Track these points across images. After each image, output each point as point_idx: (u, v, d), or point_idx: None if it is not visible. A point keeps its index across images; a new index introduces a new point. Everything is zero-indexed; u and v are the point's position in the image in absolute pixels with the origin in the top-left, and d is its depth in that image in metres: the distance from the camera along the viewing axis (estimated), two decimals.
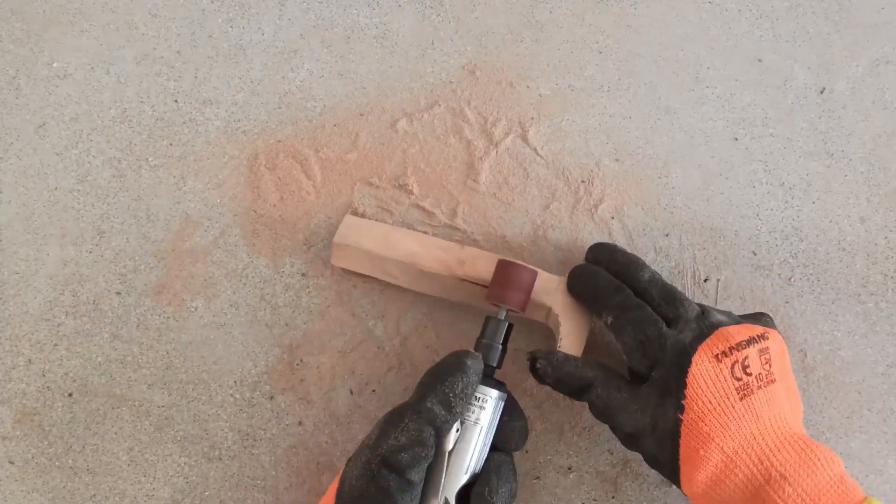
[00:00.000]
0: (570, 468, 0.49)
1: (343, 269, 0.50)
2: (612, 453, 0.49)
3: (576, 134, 0.53)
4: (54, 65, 0.52)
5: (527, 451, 0.48)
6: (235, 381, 0.49)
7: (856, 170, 0.53)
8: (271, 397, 0.49)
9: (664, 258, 0.51)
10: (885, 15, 0.55)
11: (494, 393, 0.41)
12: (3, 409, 0.48)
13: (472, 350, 0.42)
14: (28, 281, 0.50)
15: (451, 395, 0.39)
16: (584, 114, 0.53)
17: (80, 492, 0.48)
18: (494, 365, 0.43)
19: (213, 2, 0.54)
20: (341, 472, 0.40)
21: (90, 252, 0.50)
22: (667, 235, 0.51)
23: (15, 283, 0.50)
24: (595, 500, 0.48)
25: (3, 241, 0.50)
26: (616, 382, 0.42)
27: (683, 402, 0.40)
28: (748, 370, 0.40)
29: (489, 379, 0.42)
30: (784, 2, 0.55)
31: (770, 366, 0.41)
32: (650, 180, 0.52)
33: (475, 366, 0.40)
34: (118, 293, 0.50)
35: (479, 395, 0.41)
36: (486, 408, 0.41)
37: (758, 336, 0.41)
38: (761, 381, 0.40)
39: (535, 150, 0.52)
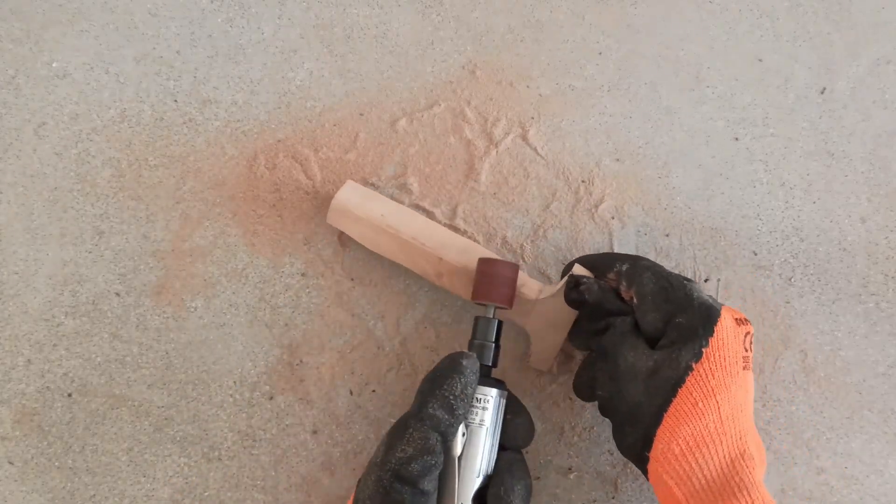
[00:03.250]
0: (570, 469, 0.48)
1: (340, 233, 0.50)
2: (612, 454, 0.49)
3: (576, 134, 0.53)
4: (54, 64, 0.52)
5: (526, 452, 0.48)
6: (235, 381, 0.49)
7: (856, 170, 0.53)
8: (271, 397, 0.49)
9: (664, 258, 0.51)
10: (886, 15, 0.55)
11: (494, 392, 0.41)
12: (2, 409, 0.48)
13: (466, 351, 0.42)
14: (27, 281, 0.50)
15: (451, 397, 0.38)
16: (585, 113, 0.53)
17: (79, 492, 0.48)
18: (490, 364, 0.43)
19: (212, 1, 0.53)
20: (353, 494, 0.39)
21: (90, 252, 0.50)
22: (667, 235, 0.51)
23: (14, 283, 0.50)
24: (595, 501, 0.48)
25: (2, 241, 0.50)
26: (635, 326, 0.42)
27: (704, 350, 0.39)
28: (750, 346, 0.40)
29: (487, 378, 0.42)
30: (785, 1, 0.55)
31: (751, 355, 0.41)
32: (650, 180, 0.52)
33: (472, 365, 0.40)
34: (118, 293, 0.50)
35: (479, 395, 0.41)
36: (489, 408, 0.41)
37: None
38: (749, 363, 0.40)
39: (535, 149, 0.52)
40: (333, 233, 0.51)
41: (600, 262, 0.45)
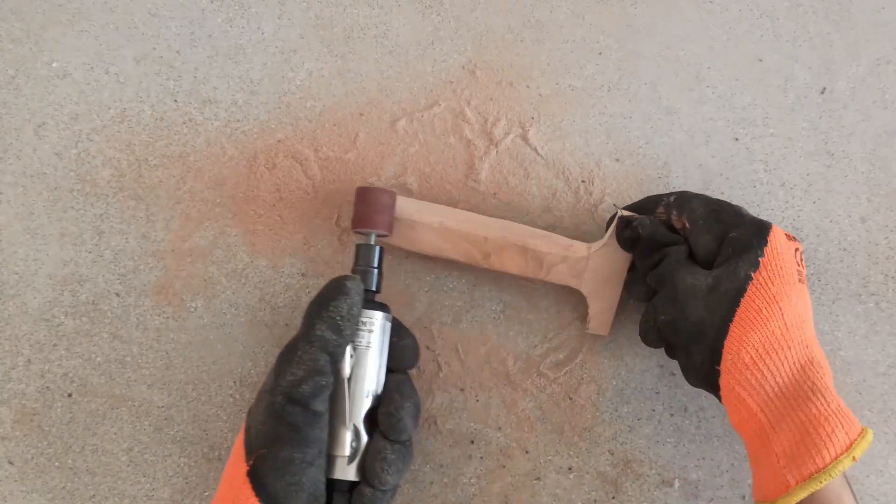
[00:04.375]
0: (570, 468, 0.48)
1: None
2: (612, 454, 0.49)
3: (576, 134, 0.53)
4: (54, 64, 0.52)
5: (527, 452, 0.48)
6: (235, 382, 0.49)
7: (856, 170, 0.53)
8: None
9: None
10: (886, 15, 0.55)
11: (379, 315, 0.43)
12: (2, 409, 0.48)
13: (349, 273, 0.42)
14: (28, 281, 0.50)
15: (337, 318, 0.39)
16: (585, 113, 0.53)
17: (79, 492, 0.48)
18: (374, 289, 0.44)
19: (212, 1, 0.53)
20: (244, 423, 0.39)
21: (90, 252, 0.50)
22: None
23: (15, 283, 0.50)
24: (595, 501, 0.48)
25: (2, 241, 0.50)
26: (685, 248, 0.43)
27: (761, 259, 0.40)
28: (802, 261, 0.42)
29: (372, 302, 0.43)
30: (785, 1, 0.55)
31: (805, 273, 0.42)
32: (651, 180, 0.52)
33: (356, 287, 0.41)
34: (117, 293, 0.50)
35: (364, 319, 0.42)
36: (375, 330, 0.42)
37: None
38: (803, 277, 0.42)
39: (535, 149, 0.52)
40: (333, 233, 0.51)
41: (645, 203, 0.47)
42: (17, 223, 0.50)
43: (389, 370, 0.43)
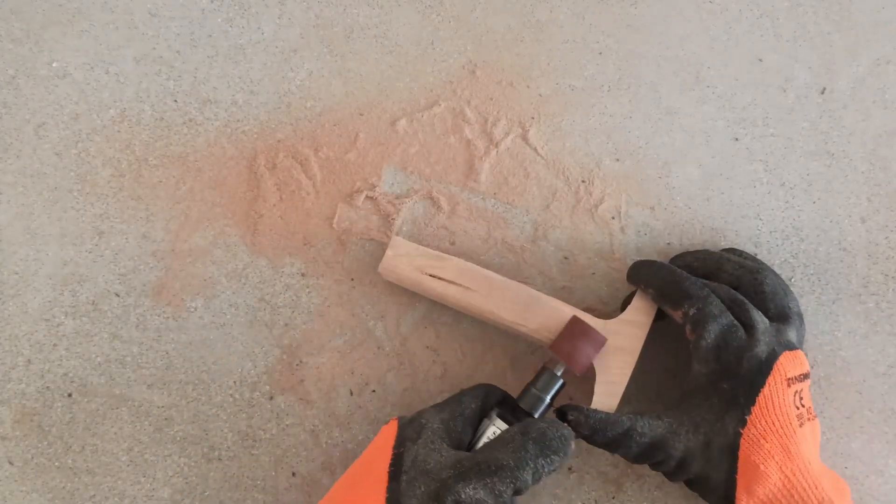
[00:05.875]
0: (571, 469, 0.48)
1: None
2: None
3: (576, 134, 0.53)
4: (54, 64, 0.52)
5: None
6: (235, 382, 0.49)
7: (857, 170, 0.53)
8: (271, 398, 0.49)
9: (665, 258, 0.51)
10: (886, 15, 0.55)
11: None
12: (2, 409, 0.48)
13: (571, 431, 0.40)
14: (27, 281, 0.50)
15: (545, 471, 0.37)
16: (585, 113, 0.53)
17: (79, 492, 0.48)
18: (535, 416, 0.43)
19: (212, 1, 0.53)
20: (387, 484, 0.37)
21: (89, 252, 0.50)
22: (667, 235, 0.51)
23: (14, 283, 0.50)
24: (596, 501, 0.48)
25: (2, 241, 0.50)
26: (654, 415, 0.41)
27: (748, 417, 0.39)
28: (804, 401, 0.41)
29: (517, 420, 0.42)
30: (785, 1, 0.55)
31: (811, 402, 0.42)
32: (651, 180, 0.52)
33: (573, 449, 0.39)
34: (117, 293, 0.50)
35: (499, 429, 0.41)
36: None
37: (810, 371, 0.43)
38: (810, 414, 0.41)
39: (535, 149, 0.52)
40: (333, 233, 0.51)
41: (671, 290, 0.43)
42: (17, 223, 0.50)
43: None
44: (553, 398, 0.43)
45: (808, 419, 0.41)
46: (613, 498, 0.48)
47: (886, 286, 0.51)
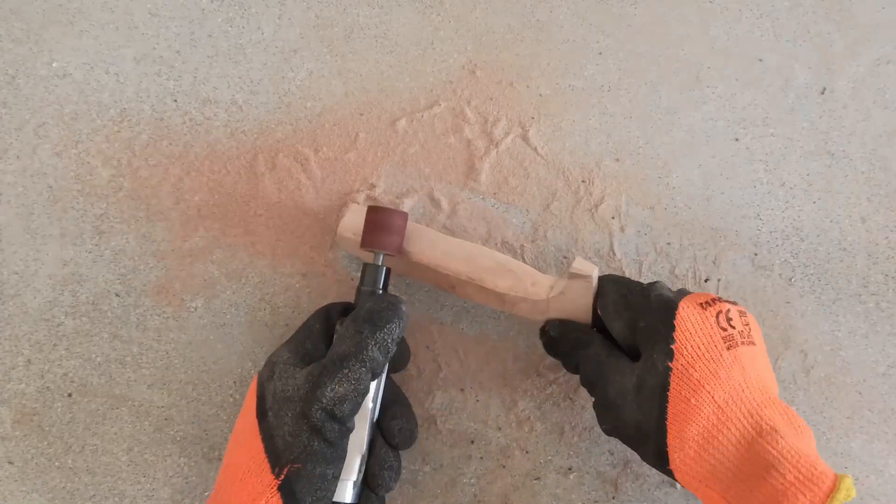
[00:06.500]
0: (570, 469, 0.48)
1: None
2: (612, 454, 0.49)
3: (576, 134, 0.53)
4: (54, 64, 0.52)
5: (527, 452, 0.48)
6: (235, 381, 0.49)
7: (857, 169, 0.53)
8: None
9: (664, 258, 0.51)
10: (886, 14, 0.55)
11: None
12: (2, 409, 0.48)
13: (398, 296, 0.42)
14: (28, 281, 0.50)
15: (389, 341, 0.39)
16: (585, 114, 0.53)
17: (79, 492, 0.48)
18: None
19: (212, 1, 0.53)
20: (258, 426, 0.38)
21: (90, 252, 0.50)
22: (667, 235, 0.51)
23: (15, 283, 0.50)
24: (595, 501, 0.48)
25: (2, 241, 0.50)
26: (610, 345, 0.42)
27: (673, 346, 0.38)
28: (731, 322, 0.39)
29: None
30: (785, 1, 0.55)
31: (750, 329, 0.40)
32: (651, 180, 0.52)
33: (406, 312, 0.41)
34: (117, 293, 0.50)
35: None
36: None
37: (736, 301, 0.42)
38: (743, 337, 0.39)
39: (535, 149, 0.52)
40: (333, 233, 0.51)
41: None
42: (17, 223, 0.50)
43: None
44: (385, 287, 0.44)
45: (744, 342, 0.39)
46: (613, 498, 0.48)
47: (886, 286, 0.51)
